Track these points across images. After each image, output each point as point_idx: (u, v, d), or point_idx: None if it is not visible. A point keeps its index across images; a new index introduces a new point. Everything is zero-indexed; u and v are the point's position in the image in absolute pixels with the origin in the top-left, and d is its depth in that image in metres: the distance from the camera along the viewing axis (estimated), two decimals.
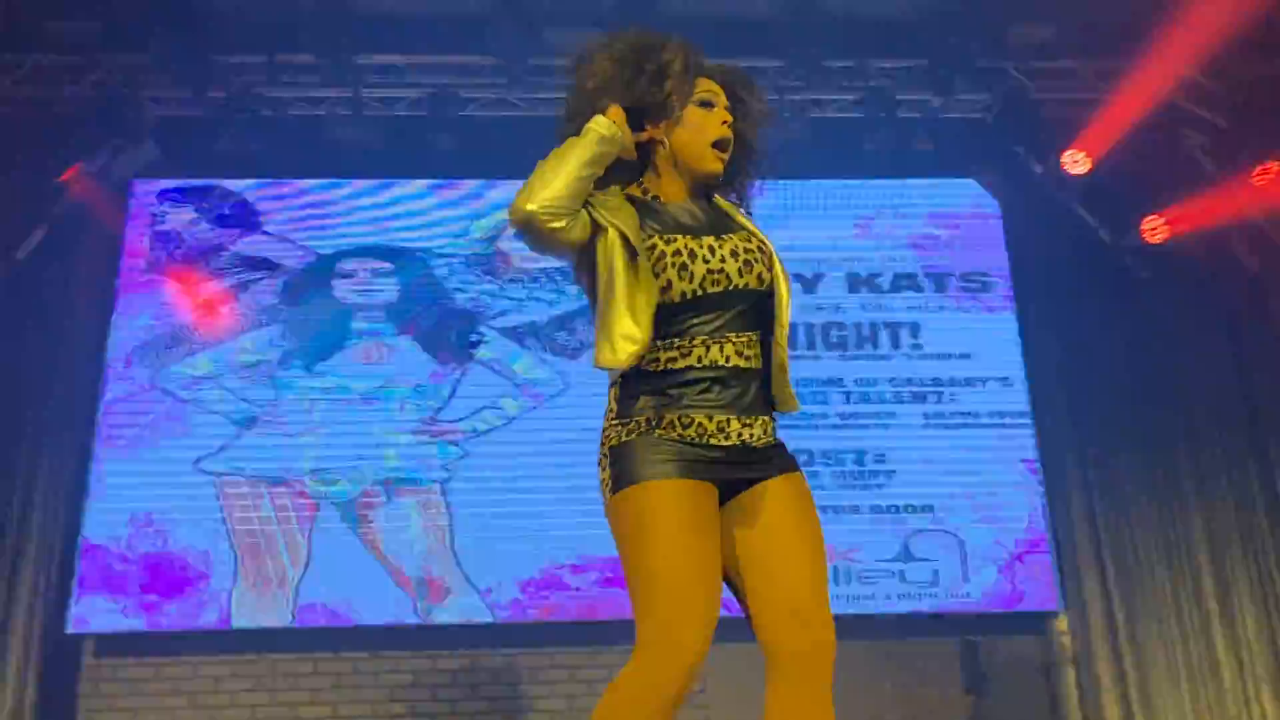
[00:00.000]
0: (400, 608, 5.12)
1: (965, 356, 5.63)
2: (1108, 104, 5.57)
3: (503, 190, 5.81)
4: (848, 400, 5.53)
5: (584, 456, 5.49)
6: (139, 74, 5.40)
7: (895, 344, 5.65)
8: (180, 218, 5.66)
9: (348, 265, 5.67)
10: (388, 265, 5.68)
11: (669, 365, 1.97)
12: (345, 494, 5.26)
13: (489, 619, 5.14)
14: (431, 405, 5.43)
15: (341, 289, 5.64)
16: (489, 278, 5.69)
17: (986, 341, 5.67)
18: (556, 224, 1.91)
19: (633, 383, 1.99)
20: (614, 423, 2.02)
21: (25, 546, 5.06)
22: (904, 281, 5.78)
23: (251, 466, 5.26)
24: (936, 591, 5.24)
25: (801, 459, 5.73)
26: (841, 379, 5.56)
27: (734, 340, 1.97)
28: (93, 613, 5.01)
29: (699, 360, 1.96)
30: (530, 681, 5.18)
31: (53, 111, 5.44)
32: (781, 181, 5.87)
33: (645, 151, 2.07)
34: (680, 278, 1.94)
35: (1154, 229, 5.62)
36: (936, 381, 5.58)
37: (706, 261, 1.96)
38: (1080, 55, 5.66)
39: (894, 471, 5.41)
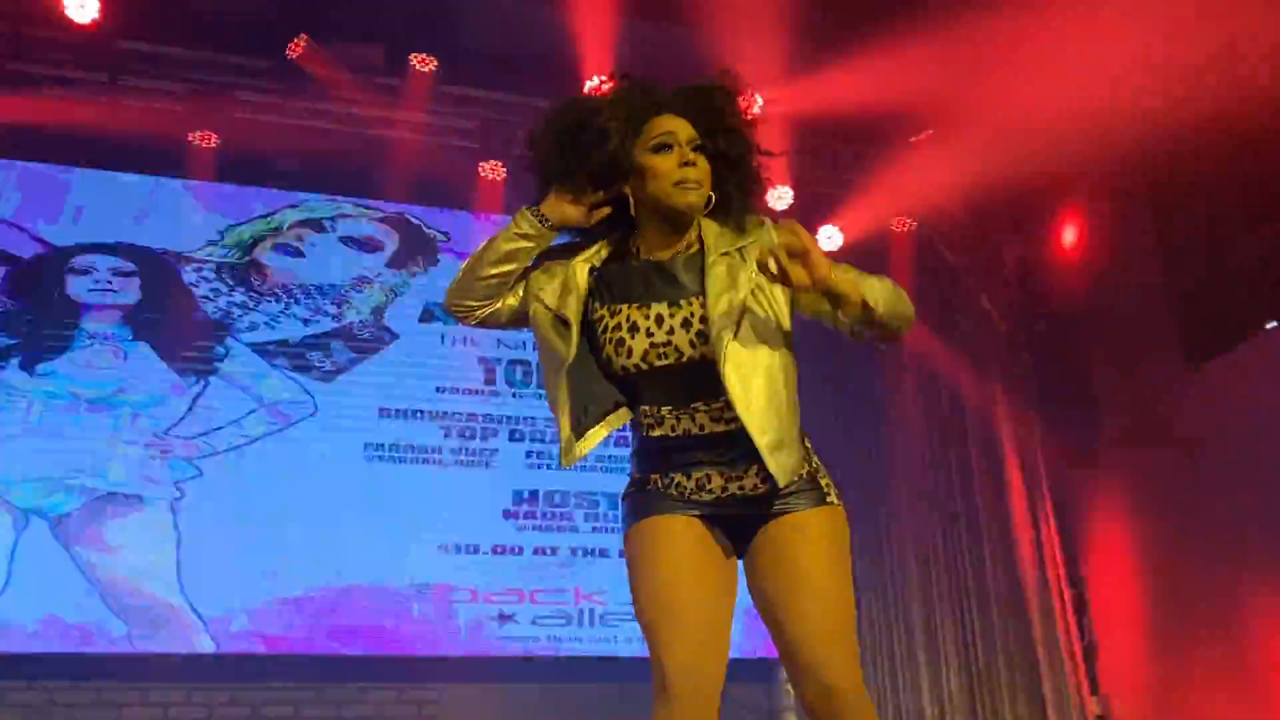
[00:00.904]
0: (112, 635, 4.71)
1: None
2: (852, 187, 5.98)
3: (267, 197, 5.57)
4: (605, 443, 5.58)
5: (331, 482, 5.36)
6: None
7: None
8: None
9: (85, 261, 5.23)
10: (130, 265, 5.29)
11: (648, 431, 1.98)
12: (59, 507, 4.80)
13: (212, 650, 4.82)
14: (166, 419, 5.07)
15: (76, 286, 5.19)
16: (242, 289, 5.40)
17: None
18: (468, 317, 2.02)
19: (632, 441, 2.06)
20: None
21: None
22: None
23: None
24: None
25: (555, 499, 5.76)
26: None
27: (704, 410, 1.92)
28: None
29: (671, 430, 1.96)
30: (254, 718, 4.88)
31: None
32: None
33: (628, 206, 1.99)
34: (617, 354, 1.93)
35: None
36: None
37: (650, 335, 1.91)
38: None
39: None
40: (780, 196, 5.59)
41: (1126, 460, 5.70)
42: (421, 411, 5.41)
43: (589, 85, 5.21)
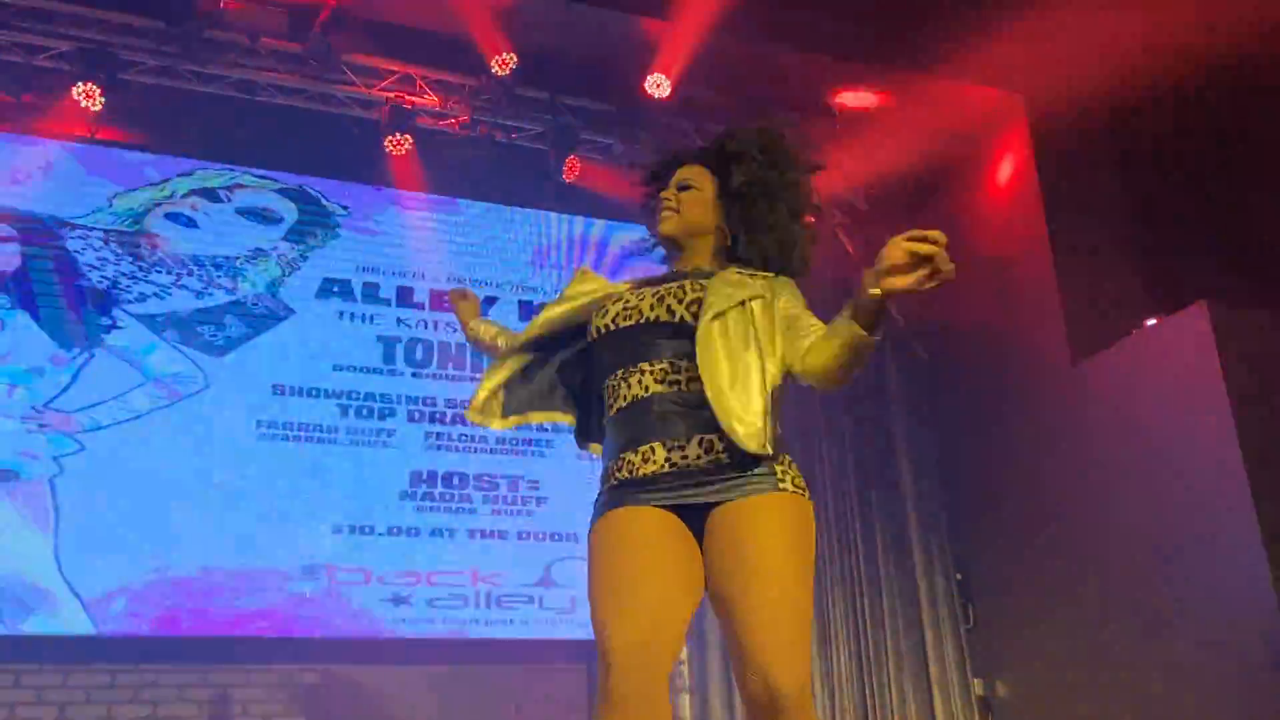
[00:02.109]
0: None
1: None
2: None
3: (159, 164, 5.37)
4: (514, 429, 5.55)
5: (221, 460, 5.20)
6: None
7: None
8: None
9: None
10: (10, 230, 5.04)
11: (610, 410, 2.10)
12: None
13: (91, 631, 4.65)
14: (47, 391, 4.86)
15: None
16: (130, 258, 5.20)
17: None
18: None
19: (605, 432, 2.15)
20: None
21: None
22: None
23: None
24: (573, 618, 5.36)
25: (454, 481, 5.71)
26: None
27: (649, 371, 2.05)
28: None
29: (624, 398, 2.07)
30: (132, 701, 4.73)
31: None
32: (470, 201, 5.89)
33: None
34: (596, 316, 2.15)
35: None
36: None
37: (627, 304, 2.12)
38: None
39: (545, 498, 5.50)
40: None
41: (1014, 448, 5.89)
42: (317, 389, 5.29)
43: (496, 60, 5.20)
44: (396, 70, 5.60)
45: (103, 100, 5.08)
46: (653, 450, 2.01)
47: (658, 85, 5.64)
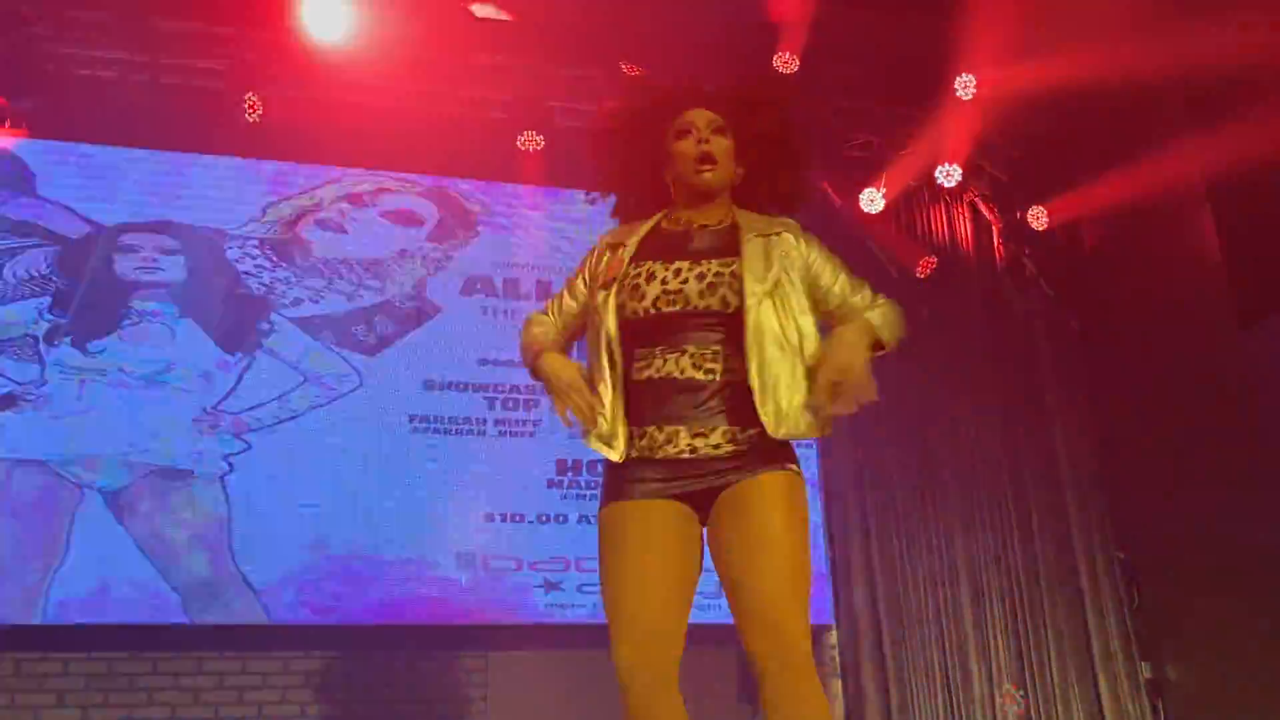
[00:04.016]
0: (167, 606, 4.82)
1: None
2: (903, 147, 5.92)
3: (307, 173, 5.60)
4: None
5: (377, 454, 5.40)
6: None
7: None
8: None
9: (131, 240, 5.31)
10: (175, 243, 5.35)
11: (637, 375, 2.12)
12: (113, 482, 4.90)
13: (265, 620, 4.91)
14: (215, 394, 5.14)
15: (123, 265, 5.26)
16: (285, 265, 5.45)
17: None
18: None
19: (620, 396, 2.15)
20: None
21: None
22: None
23: (7, 447, 4.83)
24: (721, 603, 5.36)
25: (598, 468, 5.77)
26: None
27: (691, 353, 2.07)
28: None
29: (657, 371, 2.09)
30: (303, 686, 4.98)
31: None
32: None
33: (666, 189, 2.30)
34: (631, 298, 2.12)
35: (926, 264, 6.02)
36: None
37: (665, 284, 2.09)
38: (879, 98, 5.98)
39: None
40: None
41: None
42: (465, 383, 5.44)
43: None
44: (526, 65, 5.67)
45: (259, 114, 5.32)
46: (677, 434, 2.06)
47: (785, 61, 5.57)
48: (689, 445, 2.05)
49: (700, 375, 2.05)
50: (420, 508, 5.17)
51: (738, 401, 2.04)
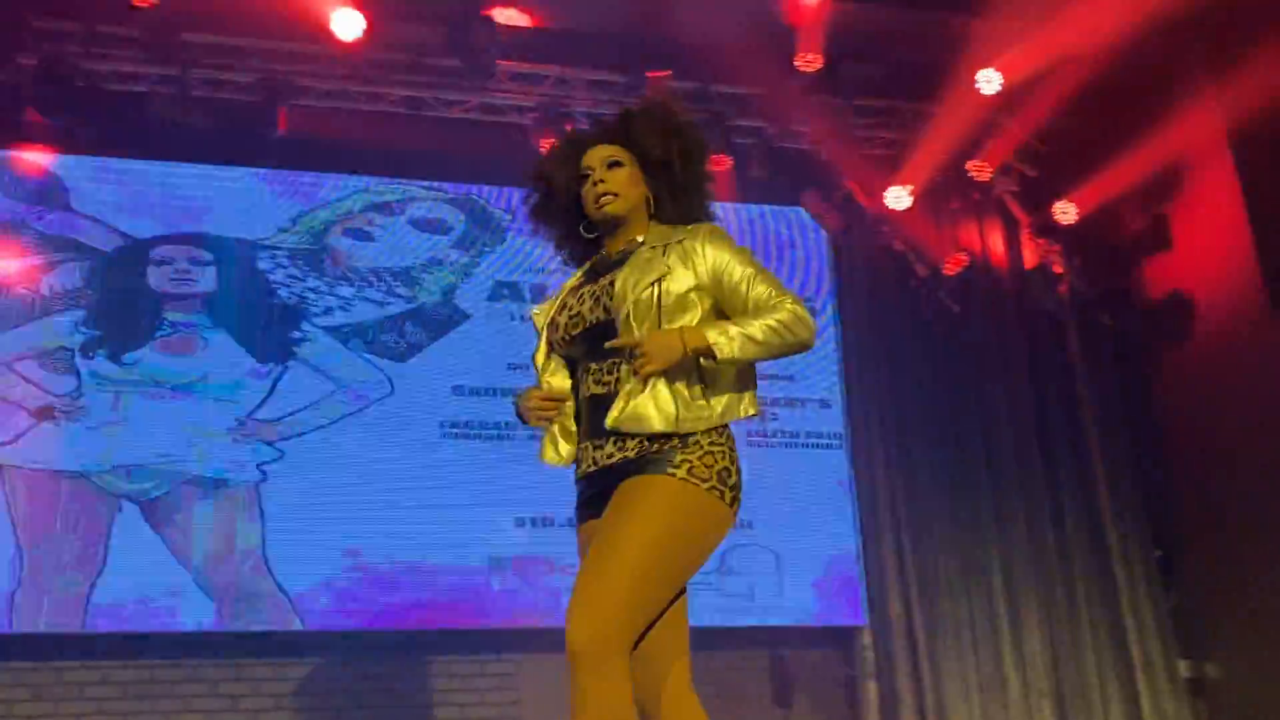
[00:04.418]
0: (203, 613, 4.88)
1: (788, 378, 5.81)
2: (927, 143, 5.90)
3: (336, 183, 5.65)
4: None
5: (409, 460, 5.44)
6: None
7: None
8: None
9: (164, 252, 5.38)
10: (207, 255, 5.42)
11: (579, 393, 2.24)
12: (149, 492, 4.97)
13: (298, 626, 4.96)
14: (248, 403, 5.20)
15: (156, 277, 5.33)
16: (315, 274, 5.51)
17: (808, 365, 5.86)
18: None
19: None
20: None
21: None
22: None
23: (45, 459, 4.91)
24: (752, 606, 5.37)
25: None
26: None
27: (592, 370, 2.17)
28: None
29: (583, 392, 2.21)
30: (339, 692, 5.02)
31: None
32: None
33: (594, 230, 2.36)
34: (554, 331, 2.27)
35: (954, 264, 5.98)
36: (759, 401, 5.72)
37: (571, 311, 2.23)
38: (901, 94, 5.97)
39: None
40: None
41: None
42: (495, 388, 5.47)
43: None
44: (549, 73, 5.71)
45: (284, 127, 5.39)
46: (588, 449, 2.15)
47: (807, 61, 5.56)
48: (593, 459, 2.13)
49: (600, 389, 2.14)
50: (452, 513, 5.20)
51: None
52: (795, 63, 5.59)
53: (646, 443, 2.06)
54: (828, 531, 5.60)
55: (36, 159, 5.34)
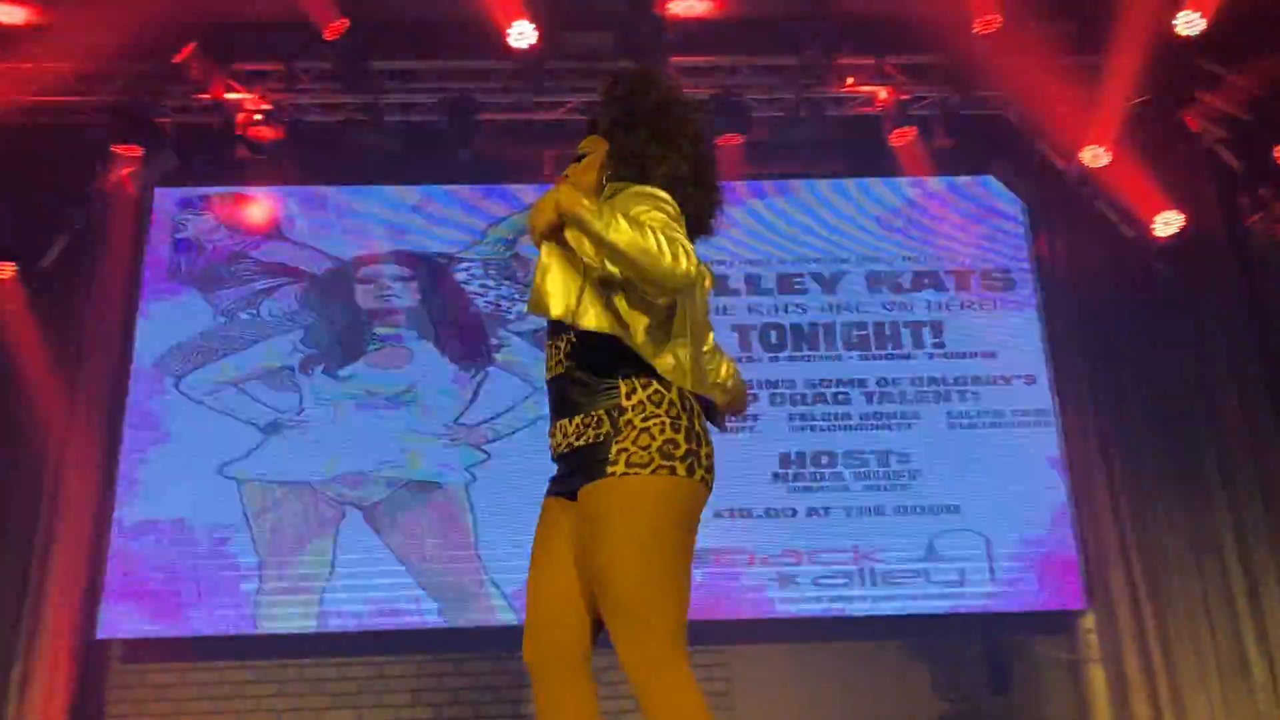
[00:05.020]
0: (425, 611, 5.14)
1: (989, 355, 5.60)
2: (1121, 99, 5.54)
3: (521, 193, 5.83)
4: (870, 401, 5.51)
5: None
6: (157, 83, 5.45)
7: (917, 343, 5.63)
8: (201, 225, 5.70)
9: (368, 271, 5.70)
10: (407, 271, 5.70)
11: None
12: (370, 498, 5.28)
13: (515, 621, 5.14)
14: (454, 409, 5.44)
15: (362, 295, 5.66)
16: (507, 281, 5.70)
17: (1010, 340, 5.63)
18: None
19: None
20: None
21: (53, 554, 5.09)
22: (925, 279, 5.76)
23: (276, 471, 5.29)
24: (963, 591, 5.21)
25: (823, 460, 5.72)
26: (864, 379, 5.54)
27: (548, 348, 2.15)
28: (120, 619, 5.04)
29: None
30: None
31: (73, 120, 5.50)
32: (801, 180, 5.91)
33: None
34: None
35: (1167, 223, 5.58)
36: (960, 380, 5.55)
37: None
38: (1089, 52, 5.62)
39: (919, 471, 5.38)
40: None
41: None
42: None
43: None
44: (722, 63, 5.69)
45: (469, 143, 5.60)
46: (553, 432, 2.12)
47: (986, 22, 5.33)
48: (558, 441, 2.11)
49: (550, 371, 2.14)
50: None
51: (566, 391, 2.08)
52: (974, 27, 5.35)
53: (583, 425, 2.02)
54: (1040, 512, 5.36)
55: (250, 193, 5.76)
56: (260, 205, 5.75)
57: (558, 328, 2.10)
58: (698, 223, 2.18)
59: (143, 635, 5.07)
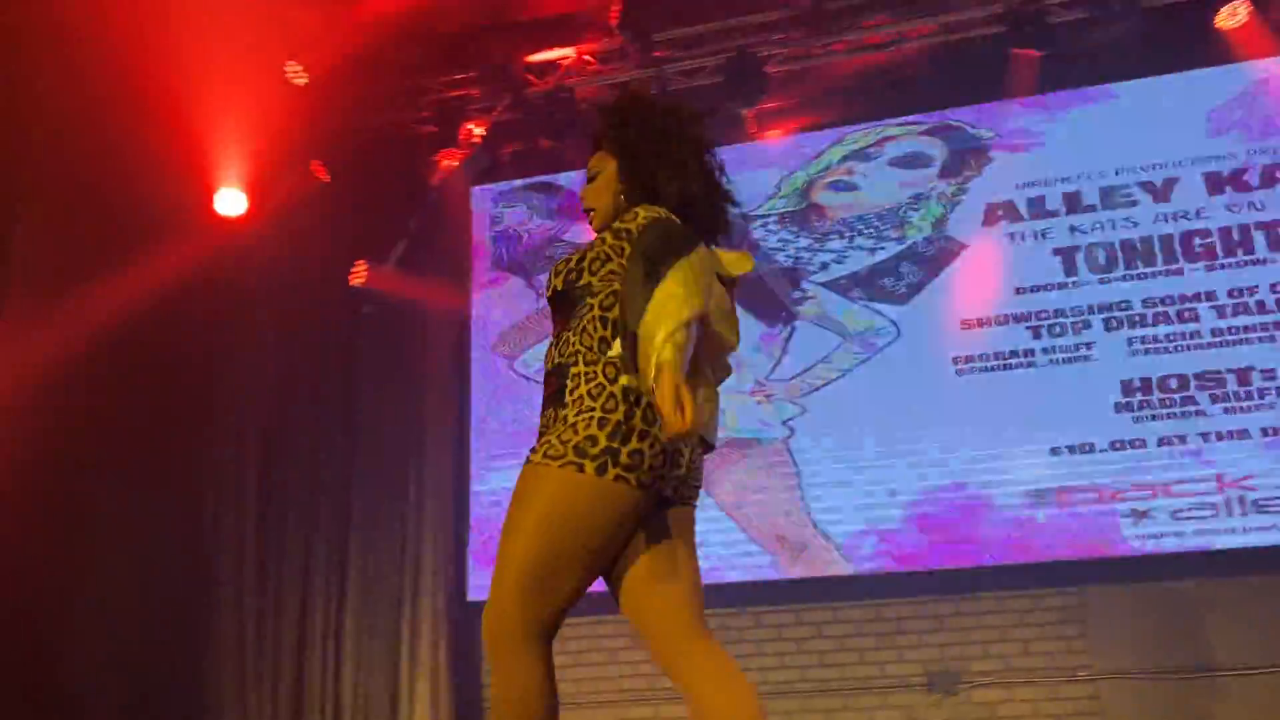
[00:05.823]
0: (759, 564, 5.24)
1: None
2: None
3: (816, 140, 5.75)
4: (1221, 315, 4.98)
5: (925, 402, 5.42)
6: (463, 86, 5.90)
7: (1273, 246, 5.01)
8: (515, 216, 6.09)
9: None
10: None
11: None
12: None
13: (849, 571, 5.14)
14: (765, 366, 5.49)
15: None
16: (806, 233, 5.65)
17: None
18: None
19: None
20: None
21: (423, 529, 5.68)
22: (1276, 174, 5.11)
23: None
24: None
25: (1172, 385, 5.30)
26: (1213, 292, 5.00)
27: (551, 339, 2.22)
28: (486, 583, 5.51)
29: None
30: (896, 632, 5.13)
31: (394, 132, 6.05)
32: (1113, 85, 5.43)
33: None
34: None
35: None
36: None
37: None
38: None
39: None
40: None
41: None
42: (1005, 316, 5.24)
43: None
44: None
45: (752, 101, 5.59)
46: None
47: None
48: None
49: (550, 361, 2.17)
50: (982, 449, 5.07)
51: (551, 385, 2.14)
52: None
53: (552, 419, 2.08)
54: None
55: (556, 180, 6.06)
56: (567, 190, 6.04)
57: (564, 319, 2.21)
58: (712, 228, 2.33)
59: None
